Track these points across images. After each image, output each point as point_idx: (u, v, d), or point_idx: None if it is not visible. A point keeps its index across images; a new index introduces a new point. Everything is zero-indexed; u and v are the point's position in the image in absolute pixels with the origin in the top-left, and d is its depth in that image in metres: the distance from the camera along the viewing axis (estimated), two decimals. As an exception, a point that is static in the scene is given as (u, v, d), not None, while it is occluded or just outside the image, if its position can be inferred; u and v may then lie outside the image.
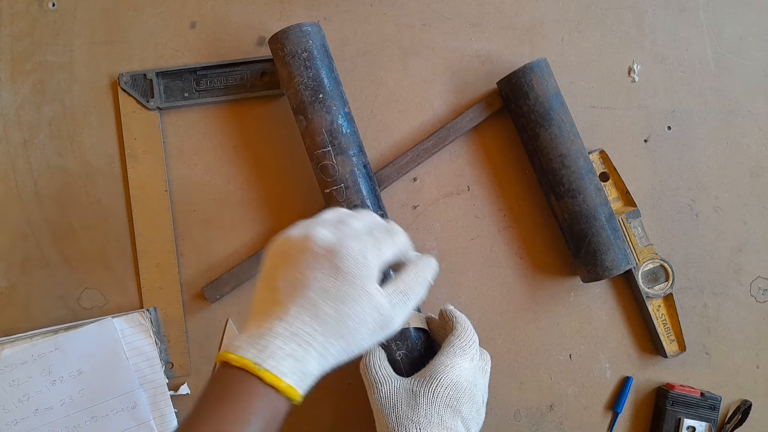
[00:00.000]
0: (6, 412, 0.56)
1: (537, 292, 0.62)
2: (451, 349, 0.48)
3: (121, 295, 0.61)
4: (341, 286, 0.40)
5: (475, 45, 0.63)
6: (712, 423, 0.59)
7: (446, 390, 0.46)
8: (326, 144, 0.54)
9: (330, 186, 0.55)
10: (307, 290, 0.40)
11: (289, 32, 0.55)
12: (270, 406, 0.37)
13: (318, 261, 0.40)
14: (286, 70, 0.55)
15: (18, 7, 0.62)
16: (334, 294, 0.40)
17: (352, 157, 0.55)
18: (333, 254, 0.40)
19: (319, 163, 0.55)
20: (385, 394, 0.47)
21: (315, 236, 0.41)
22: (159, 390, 0.59)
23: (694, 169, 0.63)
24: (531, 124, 0.58)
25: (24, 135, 0.61)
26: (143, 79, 0.61)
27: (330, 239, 0.41)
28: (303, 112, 0.55)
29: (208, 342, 0.61)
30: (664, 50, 0.64)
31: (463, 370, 0.47)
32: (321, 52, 0.56)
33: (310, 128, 0.55)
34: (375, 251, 0.41)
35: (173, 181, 0.62)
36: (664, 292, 0.60)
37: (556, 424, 0.61)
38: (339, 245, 0.40)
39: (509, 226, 0.62)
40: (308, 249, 0.40)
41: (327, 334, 0.39)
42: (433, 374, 0.47)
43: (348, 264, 0.40)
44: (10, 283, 0.60)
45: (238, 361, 0.37)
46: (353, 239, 0.41)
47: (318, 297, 0.39)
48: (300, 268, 0.40)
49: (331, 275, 0.40)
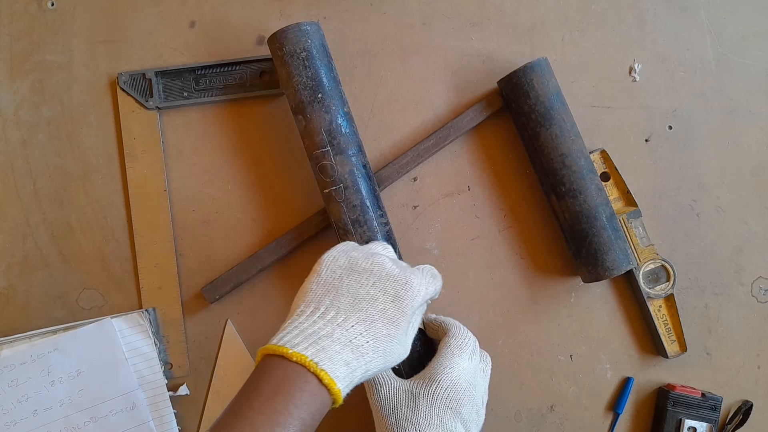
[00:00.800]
0: (5, 413, 0.56)
1: (538, 292, 0.62)
2: (448, 349, 0.48)
3: (120, 296, 0.60)
4: (397, 311, 0.43)
5: (476, 44, 0.63)
6: (713, 424, 0.59)
7: (446, 391, 0.46)
8: (325, 144, 0.54)
9: (329, 186, 0.54)
10: (370, 307, 0.43)
11: (287, 32, 0.54)
12: (320, 405, 0.39)
13: (385, 285, 0.44)
14: (284, 69, 0.55)
15: (17, 6, 0.62)
16: (390, 316, 0.43)
17: (351, 157, 0.55)
18: (399, 283, 0.44)
19: (318, 163, 0.54)
20: (385, 395, 0.48)
21: (384, 263, 0.45)
22: (158, 390, 0.59)
23: (695, 168, 0.63)
24: (531, 124, 0.58)
25: (23, 135, 0.61)
26: (142, 79, 0.61)
27: (395, 270, 0.45)
28: (302, 111, 0.55)
29: (208, 342, 0.60)
30: (665, 50, 0.64)
31: (462, 370, 0.48)
32: (320, 51, 0.55)
33: (309, 128, 0.54)
34: (425, 289, 0.46)
35: (172, 181, 0.62)
36: (665, 293, 0.60)
37: (557, 424, 0.61)
38: (405, 277, 0.45)
39: (510, 226, 0.62)
40: (376, 272, 0.44)
41: (377, 350, 0.42)
42: (432, 376, 0.47)
43: (409, 295, 0.44)
44: (9, 283, 0.60)
45: (299, 357, 0.38)
46: (414, 275, 0.46)
47: (378, 315, 0.43)
48: (366, 286, 0.44)
49: (392, 300, 0.44)
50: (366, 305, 0.43)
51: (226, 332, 0.60)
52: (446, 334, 0.50)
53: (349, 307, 0.42)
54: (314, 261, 0.61)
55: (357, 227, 0.54)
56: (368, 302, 0.43)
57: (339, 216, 0.54)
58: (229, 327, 0.60)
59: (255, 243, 0.61)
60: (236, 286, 0.59)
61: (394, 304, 0.43)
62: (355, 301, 0.43)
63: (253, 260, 0.59)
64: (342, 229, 0.54)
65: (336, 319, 0.41)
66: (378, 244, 0.50)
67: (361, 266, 0.45)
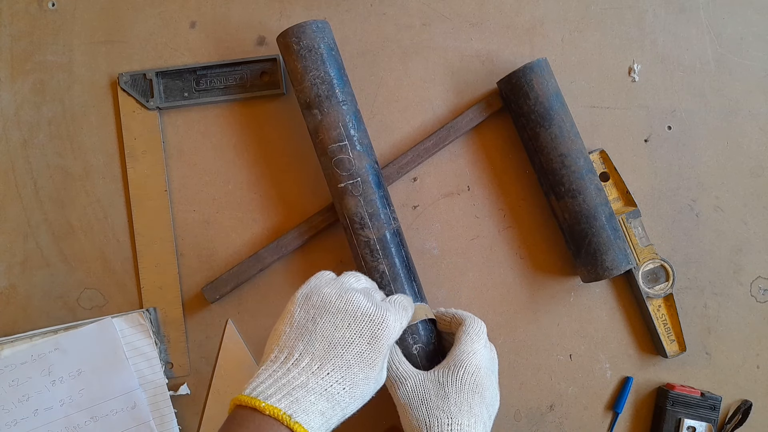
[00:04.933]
0: (6, 413, 0.56)
1: (537, 292, 0.62)
2: (467, 337, 0.49)
3: (121, 295, 0.61)
4: (373, 353, 0.43)
5: (476, 45, 0.63)
6: (712, 423, 0.59)
7: (472, 376, 0.47)
8: (343, 138, 0.54)
9: (345, 180, 0.54)
10: (344, 352, 0.42)
11: (305, 27, 0.55)
12: None
13: (360, 326, 0.43)
14: (300, 64, 0.55)
15: (18, 6, 0.62)
16: (366, 358, 0.42)
17: (366, 152, 0.55)
18: (375, 323, 0.43)
19: (335, 157, 0.54)
20: (412, 388, 0.48)
21: (359, 302, 0.44)
22: (159, 390, 0.59)
23: (694, 169, 0.63)
24: (531, 124, 0.58)
25: (24, 135, 0.61)
26: (143, 79, 0.61)
27: (370, 308, 0.44)
28: (318, 105, 0.55)
29: (208, 342, 0.61)
30: (664, 50, 0.64)
31: (483, 355, 0.49)
32: (334, 48, 0.56)
33: (326, 122, 0.55)
34: (400, 324, 0.46)
35: (173, 181, 0.62)
36: (664, 292, 0.60)
37: (557, 424, 0.61)
38: (380, 316, 0.44)
39: (509, 226, 0.62)
40: (349, 313, 0.43)
41: (354, 396, 0.41)
42: (458, 362, 0.48)
43: (384, 334, 0.43)
44: (10, 283, 0.60)
45: (272, 411, 0.38)
46: (389, 312, 0.45)
47: (354, 360, 0.42)
48: (341, 329, 0.43)
49: (368, 342, 0.43)
50: (341, 350, 0.42)
51: (227, 332, 0.60)
52: (462, 323, 0.51)
53: (324, 353, 0.41)
54: (314, 261, 0.61)
55: (374, 221, 0.54)
56: (343, 347, 0.42)
57: (355, 210, 0.54)
58: (230, 327, 0.60)
59: (255, 243, 0.61)
60: (237, 285, 0.59)
61: (370, 346, 0.43)
62: (330, 346, 0.42)
63: (253, 260, 0.59)
64: (358, 224, 0.54)
65: (311, 366, 0.41)
66: (350, 276, 0.49)
67: (335, 306, 0.44)
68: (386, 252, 0.54)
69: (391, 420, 0.59)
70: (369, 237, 0.54)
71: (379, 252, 0.54)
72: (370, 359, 0.43)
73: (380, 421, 0.59)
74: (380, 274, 0.53)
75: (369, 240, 0.54)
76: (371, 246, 0.54)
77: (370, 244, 0.54)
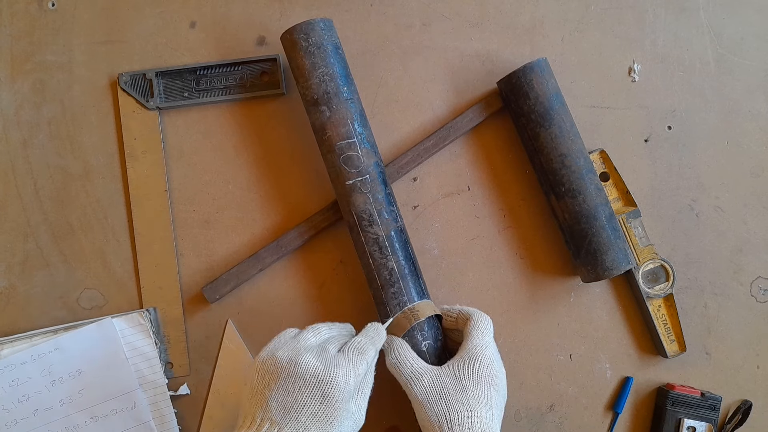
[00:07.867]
0: (6, 413, 0.56)
1: (537, 292, 0.62)
2: (477, 331, 0.50)
3: (121, 295, 0.61)
4: (328, 410, 0.44)
5: (476, 45, 0.63)
6: (712, 423, 0.59)
7: (487, 369, 0.48)
8: (351, 135, 0.54)
9: (353, 177, 0.54)
10: (299, 415, 0.43)
11: (314, 24, 0.55)
12: None
13: (308, 388, 0.44)
14: (308, 60, 0.55)
15: (17, 6, 0.62)
16: (322, 417, 0.44)
17: (373, 149, 0.55)
18: (322, 383, 0.44)
19: (343, 154, 0.54)
20: (429, 383, 0.48)
21: (307, 365, 0.45)
22: (158, 390, 0.59)
23: (694, 169, 0.63)
24: (531, 124, 0.58)
25: (23, 135, 0.61)
26: (143, 79, 0.61)
27: (318, 368, 0.45)
28: (327, 102, 0.55)
29: (208, 342, 0.61)
30: (664, 50, 0.64)
31: (493, 348, 0.50)
32: (339, 47, 0.57)
33: (335, 119, 0.55)
34: (354, 374, 0.46)
35: (173, 181, 0.62)
36: (664, 292, 0.60)
37: (557, 424, 0.61)
38: (327, 375, 0.45)
39: (509, 226, 0.62)
40: (299, 376, 0.44)
41: None
42: (473, 356, 0.48)
43: (335, 392, 0.44)
44: (9, 283, 0.60)
45: None
46: (337, 367, 0.45)
47: (309, 420, 0.43)
48: (293, 393, 0.44)
49: (320, 401, 0.44)
50: (296, 414, 0.43)
51: (227, 332, 0.60)
52: (469, 319, 0.51)
53: (281, 418, 0.43)
54: (314, 260, 0.61)
55: (382, 218, 0.54)
56: (297, 410, 0.43)
57: (364, 207, 0.54)
58: (230, 327, 0.60)
59: (255, 243, 0.61)
60: (237, 285, 0.59)
61: (323, 406, 0.44)
62: (285, 411, 0.43)
63: (253, 260, 0.59)
64: (366, 221, 0.54)
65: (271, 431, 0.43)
66: (310, 331, 0.49)
67: (286, 371, 0.45)
68: (394, 249, 0.54)
69: (392, 420, 0.59)
70: (378, 234, 0.54)
71: (387, 249, 0.54)
72: (327, 417, 0.44)
73: (380, 421, 0.59)
74: (389, 271, 0.54)
75: (378, 237, 0.54)
76: (380, 243, 0.54)
77: (378, 241, 0.54)
